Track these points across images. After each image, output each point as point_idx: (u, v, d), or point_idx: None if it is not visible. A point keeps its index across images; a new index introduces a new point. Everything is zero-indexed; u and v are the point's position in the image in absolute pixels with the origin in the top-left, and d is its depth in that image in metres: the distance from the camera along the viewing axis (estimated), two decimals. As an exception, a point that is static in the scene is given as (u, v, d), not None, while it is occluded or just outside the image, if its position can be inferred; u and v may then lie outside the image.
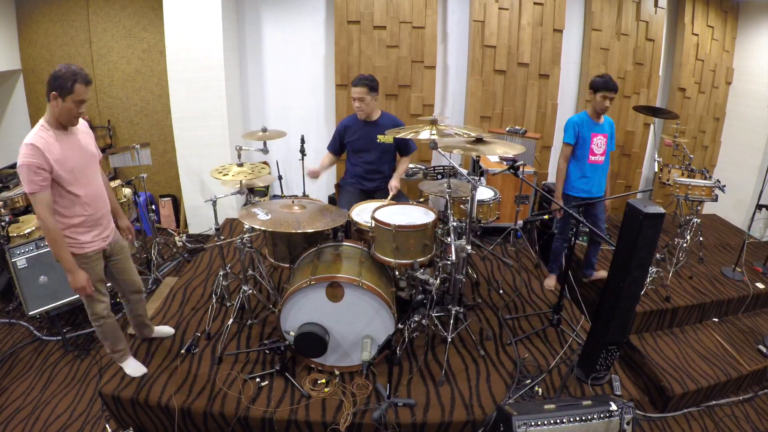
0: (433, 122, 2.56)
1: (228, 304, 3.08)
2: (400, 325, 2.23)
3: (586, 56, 4.74)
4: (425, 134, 2.47)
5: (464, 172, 2.65)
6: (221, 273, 3.09)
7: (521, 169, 2.71)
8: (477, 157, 4.18)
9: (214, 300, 3.14)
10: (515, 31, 4.52)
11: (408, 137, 2.57)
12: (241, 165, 2.88)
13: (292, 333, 2.38)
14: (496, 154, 2.47)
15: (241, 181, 2.86)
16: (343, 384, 2.42)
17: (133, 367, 2.47)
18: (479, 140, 2.52)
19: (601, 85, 3.04)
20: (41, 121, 2.05)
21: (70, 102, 2.01)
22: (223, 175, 2.82)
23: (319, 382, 2.41)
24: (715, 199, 3.62)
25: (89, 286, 2.16)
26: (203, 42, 4.18)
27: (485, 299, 3.28)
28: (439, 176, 4.23)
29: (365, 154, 3.35)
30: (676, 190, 3.66)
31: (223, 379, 2.43)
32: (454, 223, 2.52)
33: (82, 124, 2.24)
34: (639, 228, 2.15)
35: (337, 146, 3.45)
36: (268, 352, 2.64)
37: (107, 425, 2.46)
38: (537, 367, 2.60)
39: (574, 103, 5.01)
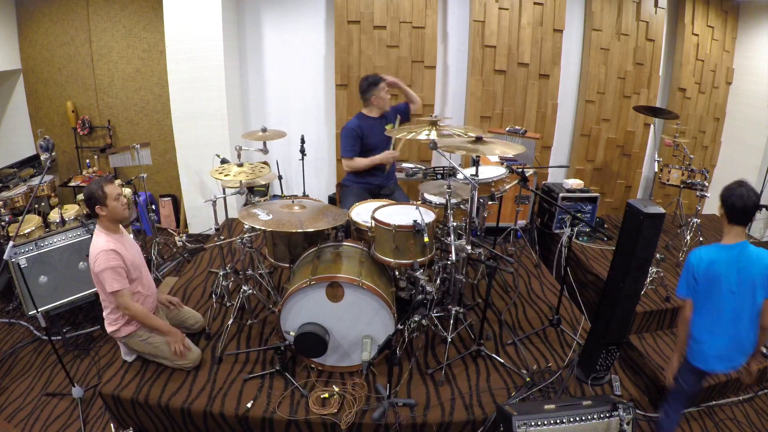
0: (433, 123, 2.56)
1: (228, 304, 3.08)
2: (399, 326, 2.23)
3: (586, 56, 4.74)
4: (424, 135, 2.47)
5: (466, 172, 2.65)
6: (221, 273, 3.09)
7: (523, 171, 2.71)
8: (477, 157, 4.18)
9: (214, 300, 3.14)
10: (515, 31, 4.52)
11: (408, 137, 2.58)
12: (240, 165, 2.88)
13: (292, 333, 2.38)
14: (495, 153, 2.47)
15: (241, 181, 2.86)
16: (344, 388, 2.42)
17: None
18: (479, 140, 2.52)
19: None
20: (97, 229, 2.35)
21: (111, 201, 2.30)
22: (224, 176, 2.82)
23: (322, 396, 2.33)
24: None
25: (182, 340, 2.47)
26: (203, 42, 4.18)
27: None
28: (439, 176, 4.24)
29: (376, 151, 3.34)
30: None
31: (223, 379, 2.44)
32: (454, 223, 2.52)
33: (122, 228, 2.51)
34: (639, 228, 2.15)
35: (359, 149, 3.33)
36: (267, 352, 2.64)
37: (112, 425, 2.46)
38: (541, 374, 2.60)
39: (574, 103, 5.01)
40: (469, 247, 2.58)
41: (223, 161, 3.10)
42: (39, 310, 2.98)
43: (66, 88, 4.77)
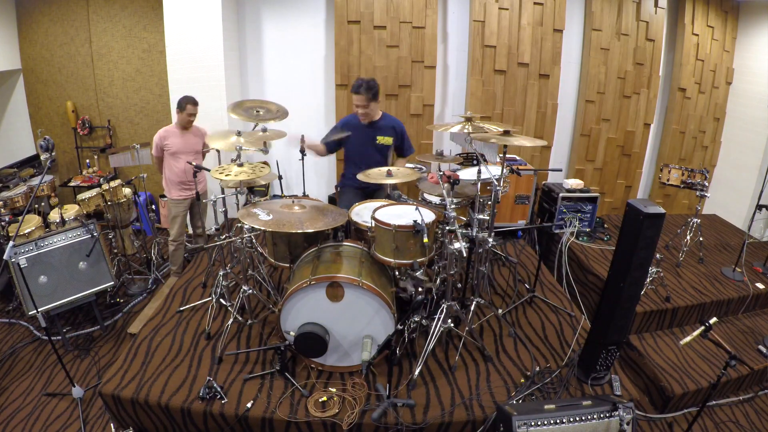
0: (468, 119, 2.72)
1: (228, 304, 3.08)
2: (399, 326, 2.23)
3: (586, 56, 4.74)
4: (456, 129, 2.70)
5: (495, 171, 2.76)
6: (221, 273, 3.09)
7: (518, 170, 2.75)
8: (477, 158, 4.20)
9: (214, 300, 3.13)
10: (515, 31, 4.52)
11: (440, 131, 2.79)
12: (241, 165, 2.88)
13: (292, 333, 2.38)
14: (521, 144, 2.72)
15: (240, 182, 2.86)
16: (344, 388, 2.42)
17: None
18: (506, 133, 2.73)
19: None
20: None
21: (183, 114, 3.57)
22: (224, 175, 2.82)
23: (321, 400, 2.34)
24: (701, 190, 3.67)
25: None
26: (203, 42, 4.18)
27: (485, 298, 3.28)
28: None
29: (365, 156, 3.34)
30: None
31: (223, 379, 2.44)
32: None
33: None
34: (639, 228, 2.15)
35: (332, 144, 3.44)
36: (268, 351, 2.64)
37: (112, 425, 2.46)
38: (540, 372, 2.60)
39: (574, 103, 5.01)
40: (491, 240, 2.62)
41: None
42: (39, 310, 2.98)
43: (66, 88, 4.77)
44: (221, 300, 3.07)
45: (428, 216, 2.57)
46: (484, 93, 4.65)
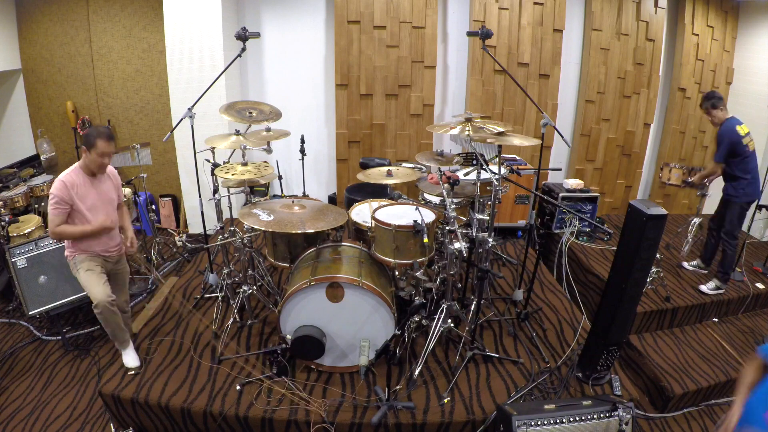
0: (468, 120, 2.71)
1: (227, 301, 3.08)
2: (397, 331, 2.23)
3: (586, 56, 4.74)
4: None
5: (497, 171, 2.74)
6: (224, 272, 3.09)
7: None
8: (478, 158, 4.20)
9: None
10: (515, 31, 4.52)
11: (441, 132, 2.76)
12: (245, 164, 2.89)
13: (289, 336, 2.38)
14: (516, 144, 2.74)
15: (245, 181, 2.87)
16: (344, 388, 2.42)
17: (131, 357, 2.55)
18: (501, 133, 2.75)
19: None
20: (75, 165, 2.46)
21: (95, 155, 2.39)
22: (231, 174, 2.83)
23: (322, 400, 2.36)
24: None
25: (107, 219, 2.50)
26: (203, 42, 4.18)
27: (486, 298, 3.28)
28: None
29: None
30: None
31: (223, 380, 2.43)
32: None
33: (111, 173, 2.64)
34: (642, 230, 2.15)
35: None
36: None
37: (112, 425, 2.46)
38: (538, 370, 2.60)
39: (574, 103, 5.01)
40: (491, 240, 2.62)
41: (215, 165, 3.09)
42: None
43: (66, 88, 4.77)
44: (221, 300, 3.07)
45: (428, 216, 2.57)
46: (484, 93, 4.65)
